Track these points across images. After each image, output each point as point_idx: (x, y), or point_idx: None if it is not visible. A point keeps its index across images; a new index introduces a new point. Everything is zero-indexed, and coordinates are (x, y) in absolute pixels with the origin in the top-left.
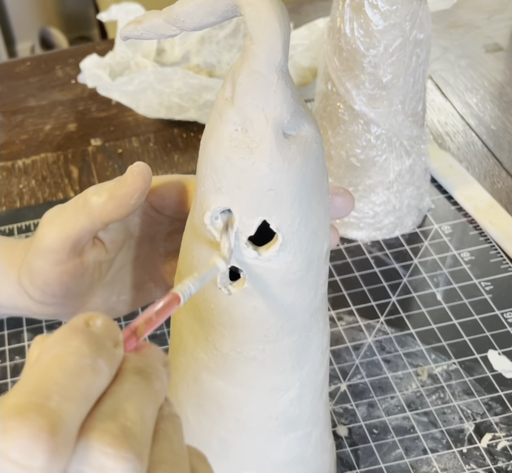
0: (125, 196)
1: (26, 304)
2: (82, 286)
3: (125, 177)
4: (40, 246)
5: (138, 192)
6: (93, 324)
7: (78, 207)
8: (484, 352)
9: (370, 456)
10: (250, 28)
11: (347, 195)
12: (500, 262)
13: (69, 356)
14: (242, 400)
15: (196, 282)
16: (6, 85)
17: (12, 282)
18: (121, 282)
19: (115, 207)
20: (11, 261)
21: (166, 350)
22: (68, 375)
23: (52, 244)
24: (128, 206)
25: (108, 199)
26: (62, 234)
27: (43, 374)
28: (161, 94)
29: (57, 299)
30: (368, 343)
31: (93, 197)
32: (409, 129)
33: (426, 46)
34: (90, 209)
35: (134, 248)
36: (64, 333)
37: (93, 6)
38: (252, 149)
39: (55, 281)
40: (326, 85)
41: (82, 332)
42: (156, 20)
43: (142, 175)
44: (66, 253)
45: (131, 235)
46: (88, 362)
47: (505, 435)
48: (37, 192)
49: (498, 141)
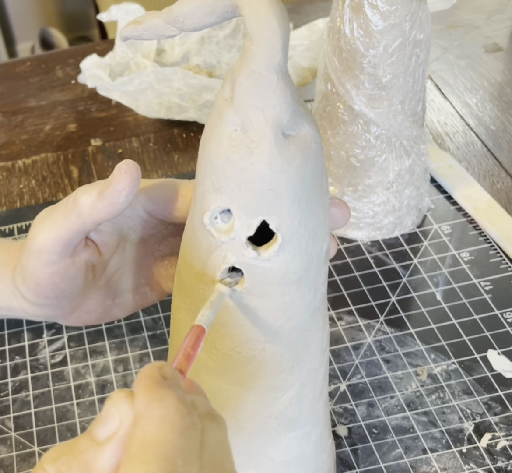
0: (113, 194)
1: (21, 304)
2: (75, 287)
3: (112, 175)
4: (32, 246)
5: (125, 190)
6: (165, 374)
7: (68, 207)
8: (483, 352)
9: (369, 455)
10: (250, 28)
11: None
12: (500, 261)
13: (174, 417)
14: (242, 399)
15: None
16: (6, 85)
17: (7, 282)
18: (116, 285)
19: (104, 206)
20: (6, 262)
21: (166, 350)
22: (181, 437)
23: (43, 244)
24: (116, 204)
25: (96, 198)
26: (53, 234)
27: (161, 438)
28: (161, 94)
29: (50, 300)
30: (368, 343)
31: (82, 197)
32: (408, 129)
33: (425, 46)
34: (80, 209)
35: (129, 251)
36: (152, 391)
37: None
38: (252, 150)
39: (47, 281)
40: (326, 86)
41: (170, 388)
42: (156, 21)
43: (129, 173)
44: (57, 253)
45: (125, 238)
46: (189, 421)
47: (504, 434)
48: (37, 192)
49: (498, 141)
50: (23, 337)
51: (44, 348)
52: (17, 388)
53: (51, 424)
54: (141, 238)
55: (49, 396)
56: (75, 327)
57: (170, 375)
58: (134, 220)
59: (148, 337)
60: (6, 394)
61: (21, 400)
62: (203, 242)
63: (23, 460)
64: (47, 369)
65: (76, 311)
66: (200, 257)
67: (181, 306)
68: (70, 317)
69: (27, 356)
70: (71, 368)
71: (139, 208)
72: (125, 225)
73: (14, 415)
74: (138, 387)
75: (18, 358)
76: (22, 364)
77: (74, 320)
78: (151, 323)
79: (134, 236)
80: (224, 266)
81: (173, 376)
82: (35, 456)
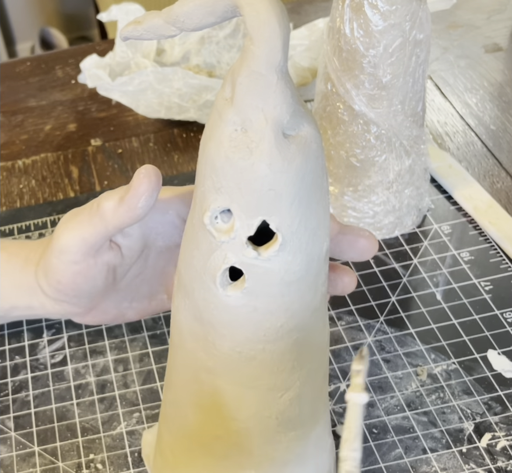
0: (132, 199)
1: (41, 300)
2: (95, 288)
3: (132, 180)
4: (56, 246)
5: (145, 195)
6: None
7: (93, 211)
8: (483, 352)
9: (369, 455)
10: (250, 28)
11: (372, 239)
12: (500, 261)
13: None
14: (242, 399)
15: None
16: (6, 85)
17: (29, 278)
18: (136, 290)
19: (125, 211)
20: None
21: (166, 350)
22: None
23: (67, 244)
24: (136, 209)
25: (118, 203)
26: (77, 236)
27: None
28: (161, 94)
29: (69, 298)
30: (368, 343)
31: (105, 202)
32: (408, 129)
33: (425, 46)
34: (103, 214)
35: (152, 258)
36: None
37: (93, 6)
38: (252, 150)
39: (68, 280)
40: (326, 86)
41: None
42: (156, 21)
43: (148, 178)
44: (80, 254)
45: (151, 244)
46: None
47: (504, 434)
48: (37, 192)
49: (498, 141)
50: (23, 337)
51: (44, 348)
52: (17, 388)
53: (51, 424)
54: (167, 245)
55: (49, 396)
56: (75, 327)
57: None
58: (164, 227)
59: (148, 337)
60: (6, 394)
61: (21, 400)
62: (203, 242)
63: (23, 460)
64: (47, 369)
65: (93, 310)
66: (200, 257)
67: (181, 306)
68: (87, 315)
69: (27, 356)
70: (71, 368)
71: (171, 214)
72: (154, 231)
73: (14, 415)
74: None
75: (18, 358)
76: (22, 364)
77: (90, 318)
78: (151, 323)
79: (162, 243)
80: (224, 266)
81: None
82: (35, 456)
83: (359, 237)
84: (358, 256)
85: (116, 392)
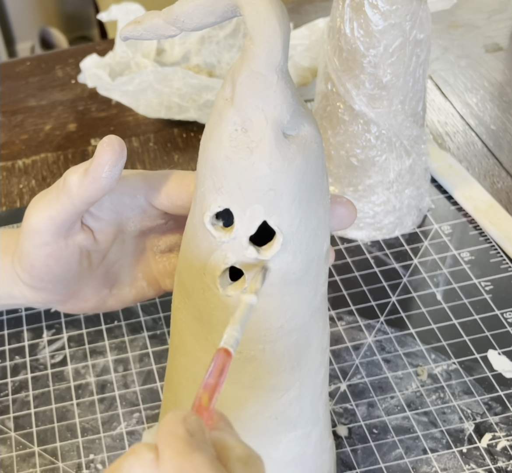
0: (96, 169)
1: (21, 289)
2: (69, 272)
3: (96, 151)
4: (25, 227)
5: (108, 164)
6: (191, 429)
7: (60, 188)
8: (484, 352)
9: (370, 456)
10: (250, 28)
11: (350, 205)
12: (500, 261)
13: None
14: (242, 399)
15: (237, 327)
16: (6, 85)
17: (7, 267)
18: (114, 276)
19: (90, 183)
20: (6, 248)
21: (166, 350)
22: None
23: (36, 224)
24: (101, 179)
25: (82, 176)
26: (45, 215)
27: None
28: (161, 94)
29: (45, 284)
30: (368, 343)
31: (71, 176)
32: (409, 129)
33: (426, 46)
34: (69, 189)
35: (128, 243)
36: (182, 456)
37: (93, 6)
38: (252, 149)
39: (41, 263)
40: (326, 85)
41: (200, 451)
42: (156, 21)
43: (111, 147)
44: (50, 234)
45: (124, 229)
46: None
47: (505, 435)
48: (37, 192)
49: (498, 141)
50: (23, 337)
51: (44, 348)
52: (17, 388)
53: (51, 424)
54: (140, 230)
55: (49, 396)
56: (75, 327)
57: (196, 429)
58: (133, 210)
59: (148, 337)
60: (6, 394)
61: (21, 400)
62: (203, 241)
63: (23, 460)
64: (47, 369)
65: (73, 298)
66: (200, 257)
67: (181, 306)
68: (67, 303)
69: (27, 356)
70: (71, 368)
71: (140, 198)
72: (124, 215)
73: (14, 415)
74: (164, 447)
75: (18, 358)
76: (22, 364)
77: (70, 306)
78: (151, 323)
79: (133, 228)
80: (224, 266)
81: (199, 428)
82: (35, 456)
83: (336, 204)
84: (338, 224)
85: (116, 392)
